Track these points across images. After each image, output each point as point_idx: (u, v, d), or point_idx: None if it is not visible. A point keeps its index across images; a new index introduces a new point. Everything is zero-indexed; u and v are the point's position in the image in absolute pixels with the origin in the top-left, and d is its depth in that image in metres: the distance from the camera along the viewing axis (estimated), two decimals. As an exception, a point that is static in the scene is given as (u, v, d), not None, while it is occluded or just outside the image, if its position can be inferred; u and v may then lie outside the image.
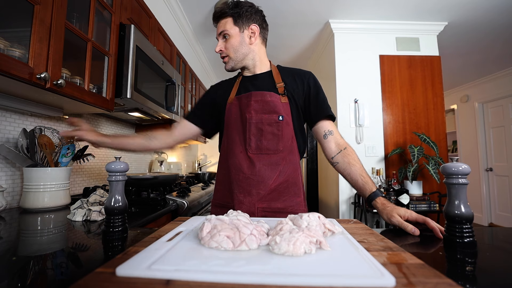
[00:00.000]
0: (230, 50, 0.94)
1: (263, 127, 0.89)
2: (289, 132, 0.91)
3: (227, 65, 0.97)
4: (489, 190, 4.20)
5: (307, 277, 0.33)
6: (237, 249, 0.43)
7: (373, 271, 0.34)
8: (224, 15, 0.93)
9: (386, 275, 0.33)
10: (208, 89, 1.09)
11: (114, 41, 1.27)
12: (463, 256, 0.48)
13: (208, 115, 1.05)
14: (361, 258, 0.39)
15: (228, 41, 0.93)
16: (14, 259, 0.50)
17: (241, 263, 0.38)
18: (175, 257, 0.40)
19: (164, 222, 1.16)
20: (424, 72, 2.68)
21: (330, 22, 2.63)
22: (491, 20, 2.54)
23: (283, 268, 0.36)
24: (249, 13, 0.93)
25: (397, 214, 0.70)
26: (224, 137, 0.99)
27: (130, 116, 1.72)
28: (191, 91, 2.88)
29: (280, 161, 0.89)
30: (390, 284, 0.31)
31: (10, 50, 0.81)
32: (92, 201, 0.88)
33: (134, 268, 0.36)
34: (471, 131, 4.49)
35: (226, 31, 0.92)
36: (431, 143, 2.38)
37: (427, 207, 2.26)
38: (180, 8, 2.36)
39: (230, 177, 0.92)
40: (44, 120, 1.26)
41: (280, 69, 0.99)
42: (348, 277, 0.33)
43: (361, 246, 0.44)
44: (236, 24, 0.92)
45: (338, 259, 0.40)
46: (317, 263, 0.38)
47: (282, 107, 0.90)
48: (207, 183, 2.22)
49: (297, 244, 0.41)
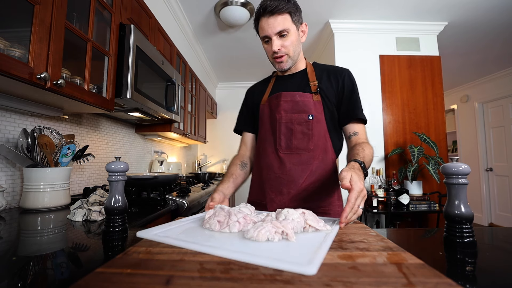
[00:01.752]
0: (290, 49, 0.88)
1: (293, 127, 0.90)
2: (321, 130, 0.89)
3: (284, 64, 0.91)
4: (489, 190, 4.20)
5: (247, 255, 0.39)
6: (221, 230, 0.54)
7: (306, 260, 0.37)
8: (281, 10, 0.84)
9: (312, 265, 0.35)
10: (245, 94, 1.12)
11: (114, 41, 1.27)
12: (463, 256, 0.48)
13: (253, 119, 1.07)
14: (311, 250, 0.42)
15: (287, 38, 0.87)
16: (14, 259, 0.50)
17: (213, 239, 0.49)
18: (177, 230, 0.54)
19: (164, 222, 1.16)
20: (424, 72, 2.68)
21: (330, 22, 2.63)
22: (491, 20, 2.54)
23: (238, 247, 0.44)
24: (300, 9, 0.89)
25: (342, 171, 0.65)
26: (258, 137, 1.01)
27: (130, 116, 1.72)
28: (191, 91, 2.88)
29: (311, 160, 0.89)
30: (308, 272, 0.33)
31: (10, 50, 0.81)
32: (92, 201, 0.88)
33: (146, 233, 0.50)
34: (471, 131, 4.49)
35: (286, 29, 0.85)
36: (431, 143, 2.38)
37: (427, 207, 2.26)
38: (180, 8, 2.36)
39: (262, 176, 0.95)
40: (44, 120, 1.26)
41: (315, 67, 0.97)
42: (279, 261, 0.37)
43: (329, 244, 0.45)
44: (293, 21, 0.87)
45: (290, 248, 0.44)
46: (269, 248, 0.44)
47: (314, 106, 0.89)
48: (207, 183, 2.22)
49: (262, 232, 0.48)
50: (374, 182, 2.42)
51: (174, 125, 2.17)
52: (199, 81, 3.17)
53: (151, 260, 0.40)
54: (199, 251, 0.42)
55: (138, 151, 2.25)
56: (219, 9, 2.33)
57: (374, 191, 2.31)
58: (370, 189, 2.36)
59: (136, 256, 0.41)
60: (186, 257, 0.40)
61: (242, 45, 3.09)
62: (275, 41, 0.87)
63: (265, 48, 0.93)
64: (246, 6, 2.29)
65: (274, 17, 0.85)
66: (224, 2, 2.26)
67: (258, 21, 0.90)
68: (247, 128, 1.09)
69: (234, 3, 2.25)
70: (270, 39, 0.88)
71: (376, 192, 2.29)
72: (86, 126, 1.56)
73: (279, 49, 0.88)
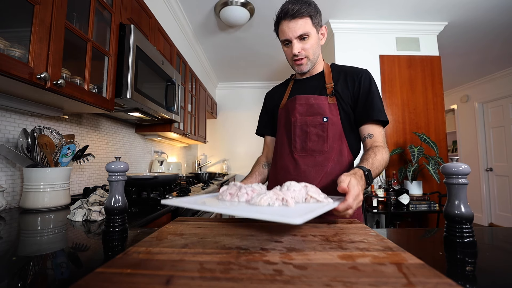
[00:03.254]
0: (310, 52, 0.90)
1: (308, 129, 0.91)
2: (336, 132, 0.90)
3: (304, 66, 0.93)
4: (489, 190, 4.20)
5: (245, 211, 0.46)
6: (231, 200, 0.60)
7: (296, 215, 0.41)
8: (303, 14, 0.86)
9: (300, 218, 0.38)
10: (264, 98, 1.16)
11: (114, 41, 1.27)
12: (463, 256, 0.48)
13: (272, 122, 1.11)
14: (304, 211, 0.46)
15: (307, 41, 0.89)
16: (14, 259, 0.50)
17: (222, 204, 0.55)
18: (194, 199, 0.62)
19: (164, 222, 1.16)
20: (424, 72, 2.68)
21: (330, 22, 2.63)
22: (491, 20, 2.54)
23: (241, 208, 0.51)
24: (320, 13, 0.91)
25: (342, 175, 0.66)
26: (276, 140, 1.04)
27: (130, 116, 1.72)
28: (191, 91, 2.88)
29: (325, 162, 0.89)
30: (294, 222, 0.37)
31: (10, 50, 0.81)
32: (92, 201, 0.88)
33: (171, 201, 0.54)
34: (471, 131, 4.49)
35: (306, 32, 0.87)
36: (431, 143, 2.38)
37: (427, 207, 2.26)
38: (180, 8, 2.36)
39: (278, 178, 0.96)
40: (44, 120, 1.26)
41: (333, 68, 0.98)
42: (270, 215, 0.41)
43: (325, 210, 0.51)
44: (313, 24, 0.88)
45: (286, 210, 0.49)
46: (266, 209, 0.50)
47: (329, 108, 0.90)
48: (207, 183, 2.22)
49: (264, 198, 0.54)
50: (374, 182, 2.42)
51: (174, 125, 2.17)
52: (199, 81, 3.17)
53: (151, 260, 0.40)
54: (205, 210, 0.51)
55: (138, 151, 2.25)
56: (219, 9, 2.33)
57: (374, 191, 2.31)
58: (370, 189, 2.36)
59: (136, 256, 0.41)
60: (186, 257, 0.40)
61: (242, 45, 3.09)
62: (296, 44, 0.88)
63: (284, 50, 0.94)
64: (246, 6, 2.29)
65: (295, 20, 0.86)
66: (224, 2, 2.26)
67: (278, 24, 0.91)
68: (267, 131, 1.13)
69: (234, 3, 2.25)
70: (291, 42, 0.89)
71: (376, 192, 2.29)
72: (86, 126, 1.56)
73: (299, 52, 0.89)
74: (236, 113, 4.53)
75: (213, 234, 0.53)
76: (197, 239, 0.50)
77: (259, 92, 4.52)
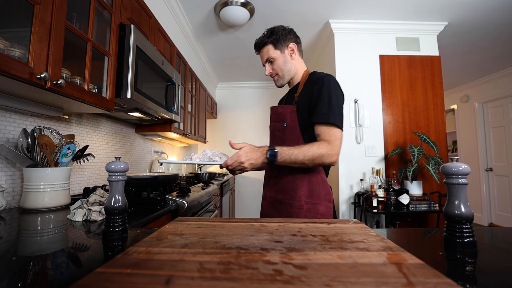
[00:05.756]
0: (278, 70, 1.11)
1: (275, 133, 1.11)
2: (293, 135, 1.04)
3: (277, 82, 1.14)
4: (489, 190, 4.20)
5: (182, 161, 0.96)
6: (188, 161, 0.98)
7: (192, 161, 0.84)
8: (265, 44, 1.10)
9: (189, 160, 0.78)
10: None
11: (114, 41, 1.27)
12: (463, 256, 0.48)
13: None
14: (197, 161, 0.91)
15: (274, 63, 1.10)
16: (14, 259, 0.50)
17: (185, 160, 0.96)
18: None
19: (164, 222, 1.16)
20: (424, 72, 2.68)
21: (330, 22, 2.63)
22: (491, 20, 2.54)
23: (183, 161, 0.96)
24: (284, 35, 1.08)
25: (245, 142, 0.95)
26: None
27: (130, 116, 1.72)
28: (191, 91, 2.88)
29: None
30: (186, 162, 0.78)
31: (10, 50, 0.81)
32: (92, 201, 0.88)
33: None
34: (471, 131, 4.49)
35: (270, 57, 1.10)
36: (431, 143, 2.38)
37: (427, 207, 2.26)
38: (180, 8, 2.36)
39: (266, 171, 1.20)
40: (44, 120, 1.26)
41: (308, 78, 1.08)
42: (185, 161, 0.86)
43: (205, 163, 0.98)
44: (277, 48, 1.09)
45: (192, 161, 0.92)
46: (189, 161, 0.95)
47: (289, 115, 1.05)
48: (207, 183, 2.22)
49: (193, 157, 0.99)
50: (374, 182, 2.42)
51: (174, 125, 2.17)
52: (199, 81, 3.17)
53: (151, 260, 0.40)
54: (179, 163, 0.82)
55: (138, 151, 2.25)
56: (219, 9, 2.33)
57: (374, 191, 2.31)
58: (370, 189, 2.36)
59: (136, 256, 0.41)
60: (186, 257, 0.40)
61: (242, 45, 3.09)
62: (266, 67, 1.13)
63: None
64: (246, 6, 2.29)
65: (261, 51, 1.13)
66: (224, 2, 2.26)
67: None
68: None
69: (234, 3, 2.25)
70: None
71: (376, 192, 2.29)
72: (86, 126, 1.56)
73: (270, 72, 1.13)
74: (236, 113, 4.53)
75: (213, 234, 0.53)
76: (197, 239, 0.50)
77: (259, 92, 4.52)
